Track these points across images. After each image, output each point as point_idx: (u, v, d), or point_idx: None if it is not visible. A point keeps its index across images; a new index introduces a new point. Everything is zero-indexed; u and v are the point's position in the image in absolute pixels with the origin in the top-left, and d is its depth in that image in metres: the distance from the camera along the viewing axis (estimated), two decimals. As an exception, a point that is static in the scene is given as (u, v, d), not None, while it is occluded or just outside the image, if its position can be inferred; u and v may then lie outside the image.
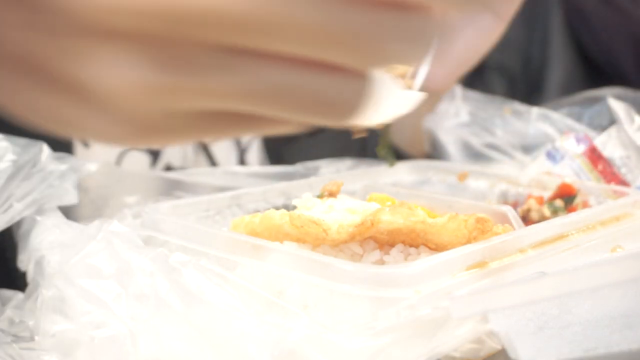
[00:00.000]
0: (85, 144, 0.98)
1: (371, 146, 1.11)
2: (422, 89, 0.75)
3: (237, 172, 0.99)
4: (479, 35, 0.90)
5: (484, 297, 0.53)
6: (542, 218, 0.82)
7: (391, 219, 0.65)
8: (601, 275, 0.53)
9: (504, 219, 0.73)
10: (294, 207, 0.74)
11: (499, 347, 0.62)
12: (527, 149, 1.05)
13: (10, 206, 0.72)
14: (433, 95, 0.94)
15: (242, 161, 1.12)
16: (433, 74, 0.89)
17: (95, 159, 0.89)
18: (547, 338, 0.52)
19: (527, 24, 1.90)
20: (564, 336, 0.52)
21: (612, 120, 0.97)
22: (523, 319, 0.52)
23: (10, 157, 0.74)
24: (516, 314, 0.52)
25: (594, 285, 0.53)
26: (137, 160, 1.02)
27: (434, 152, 1.11)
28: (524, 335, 0.52)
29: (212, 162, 1.09)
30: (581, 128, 1.01)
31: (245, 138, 1.13)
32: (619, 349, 0.52)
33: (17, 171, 0.74)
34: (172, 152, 1.05)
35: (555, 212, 0.83)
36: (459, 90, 1.13)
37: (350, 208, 0.69)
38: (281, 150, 1.15)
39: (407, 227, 0.65)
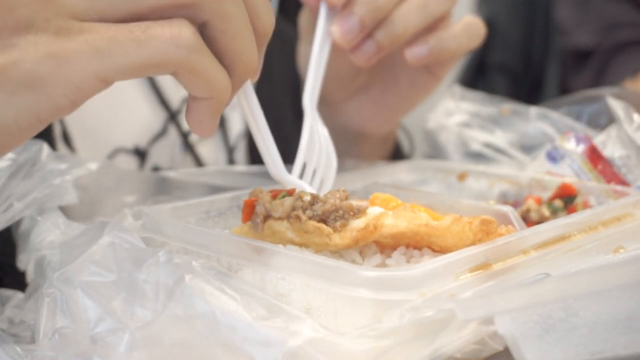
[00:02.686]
0: (71, 149, 0.97)
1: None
2: (359, 131, 0.81)
3: (235, 172, 0.98)
4: (414, 89, 0.99)
5: (489, 299, 0.53)
6: (542, 218, 0.82)
7: (394, 223, 0.64)
8: (608, 278, 0.53)
9: (506, 220, 0.73)
10: None
11: (500, 348, 0.62)
12: (527, 148, 1.05)
13: (10, 205, 0.72)
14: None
15: (230, 160, 1.12)
16: (369, 119, 1.00)
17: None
18: (554, 341, 0.52)
19: (526, 24, 1.92)
20: (570, 339, 0.52)
21: (612, 119, 0.97)
22: (529, 321, 0.52)
23: (10, 156, 0.73)
24: (522, 316, 0.52)
25: (600, 288, 0.52)
26: (125, 161, 1.01)
27: (434, 152, 1.11)
28: (530, 338, 0.52)
29: (199, 162, 1.08)
30: (581, 127, 1.01)
31: (233, 137, 1.12)
32: (626, 352, 0.52)
33: (17, 170, 0.73)
34: (160, 154, 1.04)
35: (554, 213, 0.83)
36: (458, 90, 1.13)
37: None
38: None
39: (411, 231, 0.64)
